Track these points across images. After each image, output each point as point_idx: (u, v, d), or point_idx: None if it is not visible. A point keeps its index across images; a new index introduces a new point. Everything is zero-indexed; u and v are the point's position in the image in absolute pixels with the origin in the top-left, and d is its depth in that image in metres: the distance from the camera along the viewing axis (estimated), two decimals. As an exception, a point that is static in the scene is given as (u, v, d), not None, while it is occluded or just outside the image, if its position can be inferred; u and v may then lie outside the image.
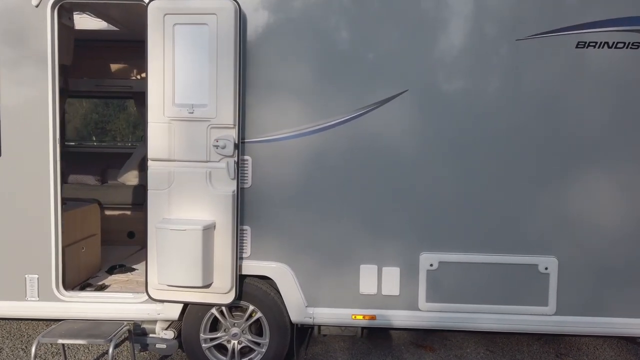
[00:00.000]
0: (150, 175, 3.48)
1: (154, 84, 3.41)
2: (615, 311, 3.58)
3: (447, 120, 3.50)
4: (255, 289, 3.65)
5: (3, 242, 3.66)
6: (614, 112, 3.46)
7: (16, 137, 3.59)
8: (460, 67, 3.47)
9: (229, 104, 3.38)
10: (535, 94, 3.46)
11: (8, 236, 3.65)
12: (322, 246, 3.60)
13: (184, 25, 3.36)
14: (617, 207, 3.50)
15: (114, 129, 16.55)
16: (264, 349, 3.71)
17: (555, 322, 3.58)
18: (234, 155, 3.44)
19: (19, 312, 3.72)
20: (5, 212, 3.63)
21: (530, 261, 3.54)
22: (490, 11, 3.43)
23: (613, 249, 3.53)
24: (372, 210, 3.57)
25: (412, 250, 3.58)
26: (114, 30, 5.30)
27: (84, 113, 16.54)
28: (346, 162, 3.55)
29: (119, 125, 16.56)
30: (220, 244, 3.46)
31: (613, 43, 3.41)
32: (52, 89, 3.57)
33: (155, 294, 3.56)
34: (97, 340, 3.32)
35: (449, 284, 3.59)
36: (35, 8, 3.52)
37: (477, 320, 3.61)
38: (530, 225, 3.54)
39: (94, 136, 16.40)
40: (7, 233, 3.65)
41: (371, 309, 3.62)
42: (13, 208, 3.63)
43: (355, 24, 3.48)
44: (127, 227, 5.73)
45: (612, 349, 4.50)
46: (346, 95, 3.52)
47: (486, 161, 3.52)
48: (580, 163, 3.49)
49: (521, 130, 3.49)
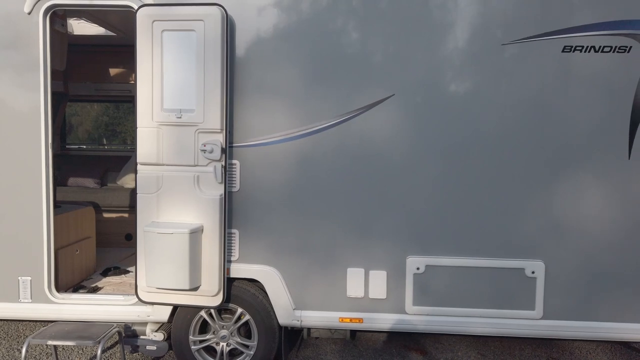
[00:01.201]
0: (140, 179, 3.53)
1: (143, 89, 3.47)
2: (602, 315, 3.56)
3: (434, 124, 3.52)
4: (244, 292, 3.68)
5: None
6: (600, 116, 3.45)
7: (9, 141, 3.66)
8: (446, 72, 3.49)
9: (216, 109, 3.42)
10: (522, 98, 3.47)
11: (1, 238, 3.72)
12: (309, 249, 3.63)
13: (172, 31, 3.41)
14: (605, 211, 3.49)
15: (124, 131, 16.71)
16: (252, 352, 3.74)
17: (542, 326, 3.58)
18: (222, 159, 3.48)
19: (12, 313, 3.78)
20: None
21: (517, 265, 3.54)
22: (475, 16, 3.45)
23: (600, 253, 3.52)
24: (359, 214, 3.60)
25: (399, 253, 3.60)
26: (112, 35, 5.37)
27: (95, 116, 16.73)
28: (333, 166, 3.58)
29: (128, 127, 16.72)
30: (208, 247, 3.50)
31: (599, 47, 3.41)
32: (44, 94, 3.63)
33: (144, 297, 3.61)
34: (86, 342, 3.37)
35: (436, 287, 3.60)
36: (28, 15, 3.58)
37: (464, 324, 3.61)
38: (518, 228, 3.54)
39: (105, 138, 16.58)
40: (1, 235, 3.71)
41: (358, 312, 3.64)
42: (6, 211, 3.70)
43: (342, 28, 3.50)
44: (124, 230, 5.80)
45: (605, 353, 4.48)
46: (333, 99, 3.55)
47: (473, 165, 3.53)
48: (567, 167, 3.49)
49: (508, 135, 3.50)
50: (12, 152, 3.66)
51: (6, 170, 3.67)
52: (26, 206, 3.68)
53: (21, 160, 3.66)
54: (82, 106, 12.63)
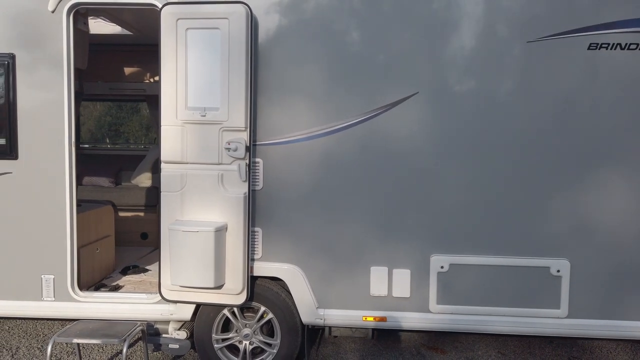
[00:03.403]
0: (164, 178, 3.52)
1: (167, 87, 3.46)
2: (628, 314, 3.55)
3: (458, 122, 3.50)
4: (267, 290, 3.68)
5: (20, 243, 3.73)
6: (627, 114, 3.43)
7: (33, 140, 3.67)
8: (471, 69, 3.47)
9: (241, 107, 3.42)
10: (548, 95, 3.45)
11: (25, 237, 3.73)
12: (333, 248, 3.62)
13: (197, 29, 3.41)
14: (631, 210, 3.47)
15: (127, 131, 16.76)
16: (275, 350, 3.74)
17: (567, 325, 3.56)
18: (246, 157, 3.48)
19: (35, 311, 3.79)
20: (22, 214, 3.71)
21: (542, 264, 3.53)
22: (501, 13, 3.43)
23: (626, 252, 3.50)
24: (382, 212, 3.59)
25: (423, 252, 3.59)
26: (128, 34, 5.38)
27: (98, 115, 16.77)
28: (357, 164, 3.57)
29: (132, 127, 16.77)
30: (232, 245, 3.50)
31: (626, 44, 3.39)
32: (67, 93, 3.64)
33: (168, 295, 3.61)
34: (112, 340, 3.37)
35: (460, 286, 3.59)
36: (52, 13, 3.59)
37: (488, 322, 3.60)
38: (543, 227, 3.53)
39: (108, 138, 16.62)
40: (24, 234, 3.72)
41: (382, 310, 3.64)
42: (30, 210, 3.70)
43: (365, 26, 3.49)
44: (140, 229, 5.81)
45: (625, 352, 4.46)
46: (357, 97, 3.54)
47: (498, 163, 3.52)
48: (593, 165, 3.47)
49: (534, 133, 3.48)
50: (36, 151, 3.67)
51: (30, 169, 3.68)
52: (49, 205, 3.69)
53: (44, 159, 3.67)
54: (84, 105, 12.56)
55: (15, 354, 4.23)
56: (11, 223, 3.73)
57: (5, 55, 3.62)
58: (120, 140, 16.39)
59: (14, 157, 3.68)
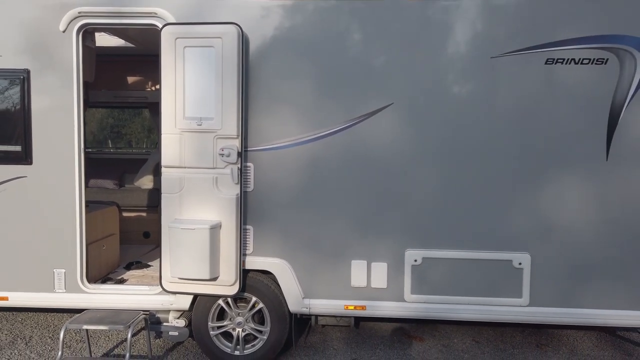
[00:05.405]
0: (164, 181, 3.91)
1: (167, 99, 3.85)
2: (584, 303, 3.92)
3: (430, 129, 3.88)
4: (258, 282, 4.06)
5: (34, 240, 4.12)
6: (581, 121, 3.80)
7: (45, 147, 4.06)
8: (440, 82, 3.85)
9: (233, 117, 3.80)
10: (510, 105, 3.83)
11: (38, 235, 4.12)
12: (317, 243, 4.00)
13: (193, 47, 3.79)
14: (585, 209, 3.85)
15: (129, 133, 17.05)
16: (265, 336, 4.12)
17: (529, 313, 3.94)
18: (238, 162, 3.86)
19: (48, 302, 4.18)
20: (36, 214, 4.10)
21: (505, 257, 3.91)
22: (466, 31, 3.81)
23: (582, 246, 3.88)
24: (362, 211, 3.97)
25: (399, 247, 3.97)
26: (130, 46, 5.77)
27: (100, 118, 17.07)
28: (339, 168, 3.95)
29: (134, 129, 17.06)
30: (225, 241, 3.88)
31: (579, 59, 3.77)
32: (77, 104, 4.02)
33: (168, 286, 3.99)
34: (117, 326, 3.76)
35: (432, 277, 3.97)
36: (62, 33, 3.97)
37: (457, 310, 3.98)
38: (506, 224, 3.90)
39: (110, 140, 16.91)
40: (38, 232, 4.11)
41: (362, 300, 4.01)
42: (43, 210, 4.09)
43: (347, 43, 3.87)
44: (142, 228, 6.20)
45: (591, 340, 4.83)
46: (339, 107, 3.92)
47: (466, 167, 3.89)
48: (552, 168, 3.85)
49: (497, 139, 3.86)
50: (49, 157, 4.05)
51: (43, 173, 4.06)
52: (61, 206, 4.07)
53: (56, 164, 4.05)
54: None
55: (29, 342, 4.62)
56: (26, 222, 4.12)
57: (20, 70, 4.01)
58: (123, 142, 16.65)
59: (29, 162, 4.06)
